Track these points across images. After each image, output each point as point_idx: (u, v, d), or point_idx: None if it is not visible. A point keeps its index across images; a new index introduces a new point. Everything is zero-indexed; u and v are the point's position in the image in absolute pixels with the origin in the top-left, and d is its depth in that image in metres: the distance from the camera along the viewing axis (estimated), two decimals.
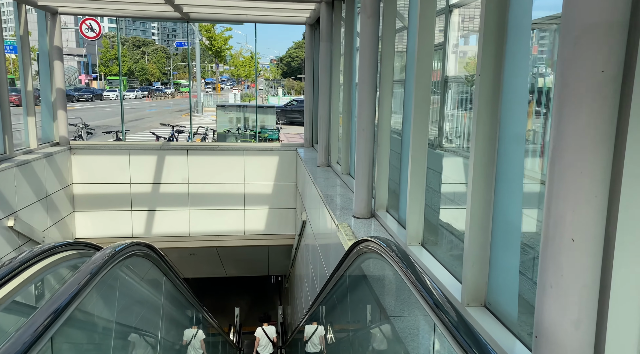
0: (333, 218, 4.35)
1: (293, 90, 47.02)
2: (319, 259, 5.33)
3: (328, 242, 4.72)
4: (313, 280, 6.12)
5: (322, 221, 5.18)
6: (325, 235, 4.92)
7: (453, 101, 3.56)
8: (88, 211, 8.82)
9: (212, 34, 38.28)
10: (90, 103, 42.72)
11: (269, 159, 9.12)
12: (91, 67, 70.94)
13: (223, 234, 9.23)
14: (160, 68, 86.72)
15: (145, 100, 51.64)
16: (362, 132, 4.12)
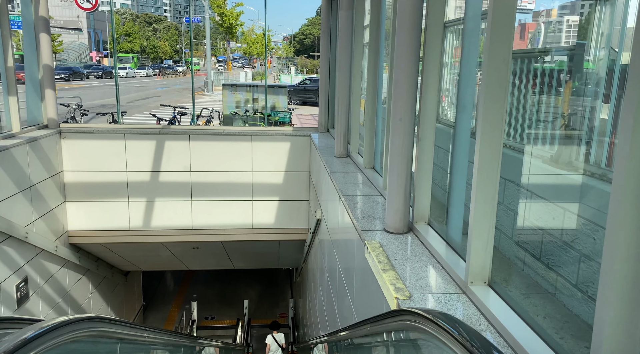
0: (357, 230, 3.42)
1: (306, 68, 45.72)
2: (338, 273, 4.44)
3: (349, 257, 3.82)
4: (329, 290, 5.25)
5: (342, 229, 4.26)
6: (346, 247, 4.01)
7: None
8: (81, 201, 8.01)
9: (224, 10, 37.01)
10: (99, 81, 42.01)
11: (279, 146, 8.19)
12: (102, 44, 70.12)
13: (229, 227, 8.38)
14: (172, 45, 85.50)
15: (155, 78, 50.80)
16: (398, 122, 3.15)
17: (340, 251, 4.30)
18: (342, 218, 4.25)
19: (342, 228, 4.25)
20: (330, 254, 5.12)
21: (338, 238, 4.50)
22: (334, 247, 4.81)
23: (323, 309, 5.78)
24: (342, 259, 4.23)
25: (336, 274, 4.59)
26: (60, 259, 7.67)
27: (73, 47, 60.33)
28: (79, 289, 8.46)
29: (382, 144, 4.97)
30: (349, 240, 3.81)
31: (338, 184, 4.66)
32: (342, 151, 6.03)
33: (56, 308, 7.58)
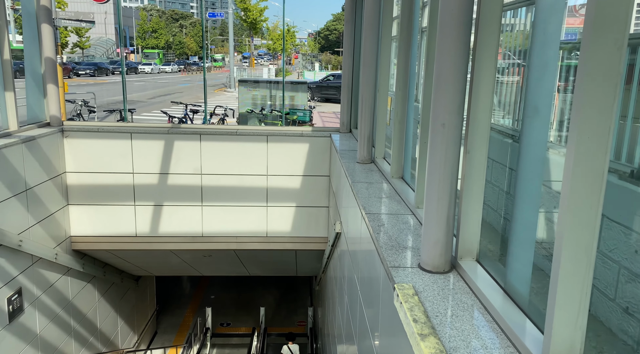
0: (384, 264, 2.69)
1: (330, 64, 44.95)
2: (359, 307, 3.72)
3: (373, 295, 3.09)
4: (349, 321, 4.53)
5: (364, 255, 3.54)
6: (369, 281, 3.28)
7: None
8: (84, 205, 7.48)
9: (247, 5, 36.51)
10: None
11: (297, 147, 7.49)
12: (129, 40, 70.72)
13: (242, 235, 7.74)
14: (197, 42, 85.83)
15: (180, 74, 50.83)
16: (439, 128, 2.41)
17: (363, 281, 3.56)
18: (365, 242, 3.52)
19: (364, 254, 3.51)
20: (350, 280, 4.40)
21: (360, 264, 3.76)
22: (355, 271, 4.08)
23: (342, 338, 5.07)
24: (364, 292, 3.49)
25: (357, 306, 3.86)
26: (61, 267, 7.15)
27: (100, 42, 60.94)
28: (84, 298, 7.95)
29: (412, 150, 4.21)
30: (374, 274, 3.07)
31: (360, 197, 3.93)
32: (365, 155, 5.28)
33: (56, 320, 7.07)
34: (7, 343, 5.88)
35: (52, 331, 6.98)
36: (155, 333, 12.51)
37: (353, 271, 4.18)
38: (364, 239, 3.56)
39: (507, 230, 2.42)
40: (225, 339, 12.49)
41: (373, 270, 3.09)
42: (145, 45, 68.58)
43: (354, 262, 4.20)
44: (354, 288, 4.10)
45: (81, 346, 7.94)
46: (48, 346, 6.87)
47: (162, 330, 12.73)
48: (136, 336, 10.81)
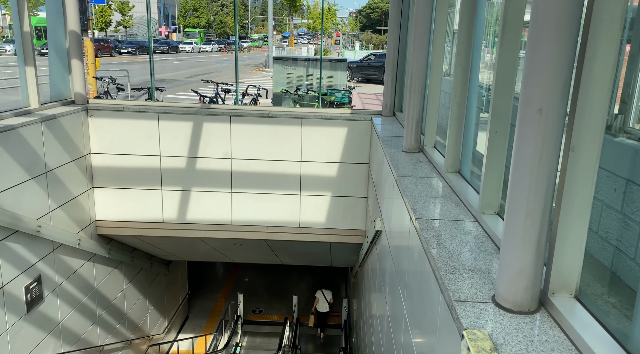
0: (444, 295, 2.03)
1: (371, 44, 43.59)
2: (404, 330, 3.08)
3: (429, 330, 2.45)
4: (390, 334, 3.91)
5: (416, 274, 2.88)
6: (422, 311, 2.64)
7: None
8: (110, 189, 7.11)
9: None
10: (164, 55, 42.31)
11: (334, 131, 6.83)
12: (171, 19, 71.22)
13: (273, 225, 7.21)
14: (239, 21, 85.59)
15: (220, 53, 50.70)
16: (534, 116, 1.71)
17: (412, 302, 2.91)
18: (415, 254, 2.85)
19: (414, 270, 2.85)
20: (393, 291, 3.75)
21: (408, 279, 3.10)
22: (399, 282, 3.44)
23: (380, 341, 4.47)
24: (414, 319, 2.84)
25: (401, 328, 3.23)
26: (85, 253, 6.84)
27: (143, 21, 61.52)
28: (110, 285, 7.67)
29: (474, 139, 3.49)
30: (428, 302, 2.41)
31: (408, 196, 3.25)
32: (413, 143, 4.57)
33: (79, 308, 6.79)
34: (25, 333, 5.61)
35: (75, 320, 6.71)
36: (186, 317, 12.32)
37: (397, 282, 3.53)
38: (413, 251, 2.89)
39: (619, 262, 1.72)
40: (257, 327, 12.16)
41: (427, 297, 2.43)
42: (187, 24, 68.85)
43: (398, 272, 3.54)
44: (398, 305, 3.46)
45: (107, 334, 7.69)
46: (71, 334, 6.61)
47: (193, 315, 12.53)
48: (166, 322, 10.60)
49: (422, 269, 2.56)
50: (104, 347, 7.49)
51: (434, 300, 2.24)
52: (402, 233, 3.34)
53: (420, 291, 2.63)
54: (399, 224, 3.54)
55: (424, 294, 2.51)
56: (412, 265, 2.93)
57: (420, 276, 2.62)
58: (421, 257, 2.60)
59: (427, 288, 2.43)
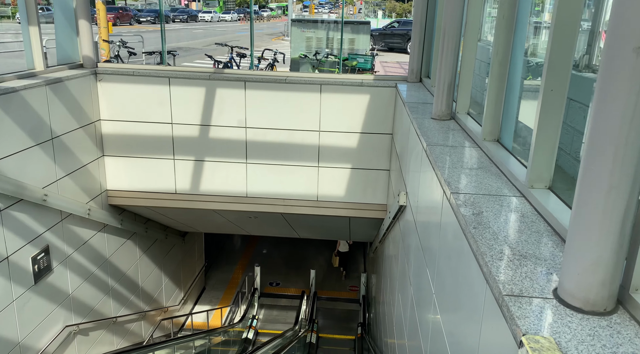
0: (493, 289, 1.64)
1: (394, 12, 42.20)
2: (433, 308, 2.73)
3: (469, 327, 2.06)
4: (412, 305, 3.57)
5: (451, 254, 2.50)
6: (457, 300, 2.25)
7: None
8: (121, 157, 6.84)
9: None
10: (184, 24, 41.74)
11: (355, 99, 6.38)
12: None
13: (290, 197, 6.87)
14: None
15: (239, 23, 49.84)
16: (630, 57, 1.23)
17: (446, 295, 2.54)
18: (449, 234, 2.46)
19: (449, 254, 2.46)
20: (420, 276, 3.38)
21: (440, 264, 2.72)
22: (428, 264, 3.06)
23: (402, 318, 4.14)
24: (447, 311, 2.47)
25: (428, 316, 2.87)
26: (95, 224, 6.63)
27: None
28: (123, 256, 7.50)
29: (518, 104, 3.03)
30: (468, 293, 2.03)
31: (440, 167, 2.84)
32: (443, 110, 4.11)
33: (91, 279, 6.62)
34: (33, 304, 5.45)
35: (87, 291, 6.56)
36: (203, 289, 12.24)
37: (424, 263, 3.15)
38: (447, 230, 2.50)
39: None
40: (274, 300, 12.03)
41: (466, 285, 2.04)
42: None
43: (426, 251, 3.16)
44: (425, 287, 3.09)
45: (120, 305, 7.57)
46: (82, 306, 6.46)
47: (210, 286, 12.46)
48: (182, 293, 10.50)
49: (459, 252, 2.17)
50: (117, 319, 7.37)
51: (477, 291, 1.85)
52: (433, 209, 2.94)
53: (456, 277, 2.24)
54: (429, 199, 3.14)
55: (461, 281, 2.13)
56: (445, 246, 2.54)
57: (457, 259, 2.23)
58: (457, 238, 2.20)
59: (466, 275, 2.04)
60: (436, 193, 2.81)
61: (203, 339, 8.16)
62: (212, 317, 10.86)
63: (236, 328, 9.76)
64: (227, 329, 9.39)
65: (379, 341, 7.44)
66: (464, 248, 2.06)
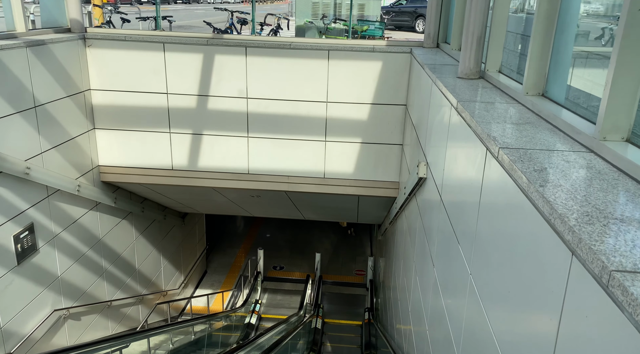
0: (595, 272, 1.12)
1: None
2: (468, 296, 2.25)
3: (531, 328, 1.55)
4: (436, 290, 3.11)
5: (503, 227, 2.00)
6: (519, 280, 1.73)
7: None
8: (113, 130, 6.37)
9: None
10: (186, 5, 40.90)
11: (366, 66, 5.85)
12: None
13: (295, 175, 6.39)
14: None
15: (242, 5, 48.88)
16: None
17: (493, 278, 2.05)
18: (498, 198, 1.97)
19: (502, 228, 1.96)
20: (448, 257, 2.91)
21: (483, 240, 2.24)
22: (462, 244, 2.59)
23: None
24: (497, 298, 1.99)
25: (461, 305, 2.40)
26: (86, 201, 6.18)
27: None
28: (118, 236, 7.06)
29: (571, 54, 2.51)
30: (538, 271, 1.54)
31: (480, 122, 2.33)
32: (471, 67, 3.59)
33: (82, 261, 6.20)
34: (17, 287, 5.02)
35: (78, 273, 6.14)
36: (204, 272, 11.86)
37: (455, 242, 2.67)
38: (495, 195, 2.01)
39: None
40: (278, 284, 11.64)
41: (533, 264, 1.56)
42: None
43: (457, 228, 2.68)
44: (455, 271, 2.61)
45: (115, 289, 7.16)
46: (73, 289, 6.05)
47: (212, 270, 12.07)
48: (183, 277, 10.11)
49: (518, 220, 1.68)
50: (112, 302, 6.97)
51: (553, 268, 1.36)
52: (469, 175, 2.44)
53: (511, 253, 1.75)
54: (462, 164, 2.64)
55: (521, 257, 1.64)
56: (490, 216, 2.05)
57: (513, 229, 1.74)
58: (514, 203, 1.71)
59: (531, 248, 1.55)
60: (474, 153, 2.32)
61: (203, 325, 7.76)
62: (214, 301, 10.49)
63: (238, 313, 9.38)
64: (228, 314, 9.01)
65: (389, 327, 7.02)
66: (527, 214, 1.57)
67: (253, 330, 9.46)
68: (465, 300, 2.38)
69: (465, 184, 2.51)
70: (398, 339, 5.67)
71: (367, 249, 13.16)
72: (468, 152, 2.48)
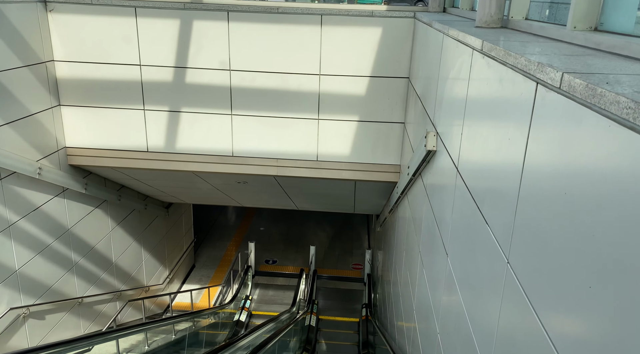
0: None
1: None
2: (511, 297, 1.58)
3: None
4: (452, 287, 2.48)
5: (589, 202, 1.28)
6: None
7: None
8: (81, 107, 5.70)
9: None
10: None
11: (364, 34, 5.19)
12: None
13: (284, 157, 5.75)
14: None
15: None
16: None
17: (556, 273, 1.37)
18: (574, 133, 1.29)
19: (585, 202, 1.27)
20: (468, 247, 2.28)
21: (530, 217, 1.57)
22: (495, 226, 1.94)
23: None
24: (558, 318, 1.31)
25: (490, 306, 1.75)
26: (50, 187, 5.52)
27: None
28: (90, 226, 6.41)
29: None
30: None
31: (520, 52, 1.67)
32: (492, 13, 2.94)
33: (47, 253, 5.54)
34: None
35: (41, 267, 5.48)
36: (192, 266, 11.22)
37: (484, 223, 2.02)
38: (551, 139, 1.35)
39: None
40: (270, 279, 11.01)
41: None
42: None
43: (490, 208, 2.03)
44: (479, 263, 1.98)
45: (88, 284, 6.51)
46: (35, 284, 5.40)
47: (200, 264, 11.43)
48: (167, 271, 9.46)
49: (613, 168, 1.03)
50: (83, 299, 6.32)
51: None
52: (508, 129, 1.79)
53: (599, 226, 1.10)
54: (496, 117, 1.99)
55: (629, 231, 0.99)
56: (544, 181, 1.40)
57: (602, 187, 1.09)
58: (610, 143, 1.05)
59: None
60: (515, 96, 1.67)
61: (186, 323, 7.13)
62: (201, 298, 9.86)
63: (227, 310, 8.74)
64: (216, 311, 8.37)
65: (388, 326, 6.40)
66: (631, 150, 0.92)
67: (242, 328, 8.84)
68: (498, 297, 1.75)
69: (499, 145, 1.86)
70: (400, 339, 5.05)
71: (364, 242, 12.54)
72: (503, 100, 1.83)
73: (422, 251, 3.69)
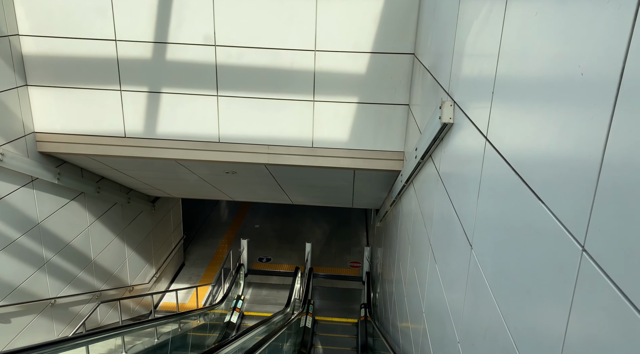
0: None
1: None
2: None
3: None
4: (479, 289, 1.93)
5: None
6: None
7: None
8: (51, 88, 5.14)
9: None
10: None
11: (365, 3, 4.65)
12: None
13: (276, 143, 5.21)
14: None
15: None
16: None
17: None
18: None
19: None
20: (510, 243, 1.72)
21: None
22: (565, 220, 1.38)
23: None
24: None
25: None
26: (16, 175, 4.97)
27: None
28: (64, 220, 5.85)
29: None
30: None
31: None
32: None
33: (13, 249, 4.99)
34: None
35: (6, 265, 4.93)
36: (182, 265, 10.67)
37: (543, 208, 1.48)
38: None
39: None
40: (263, 278, 10.48)
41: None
42: None
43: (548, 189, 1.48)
44: (538, 272, 1.43)
45: (63, 283, 5.96)
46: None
47: (190, 262, 10.88)
48: (154, 269, 8.91)
49: None
50: (57, 300, 5.77)
51: None
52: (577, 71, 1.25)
53: None
54: (555, 66, 1.45)
55: None
56: None
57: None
58: None
59: None
60: (608, 21, 1.13)
61: (172, 325, 6.59)
62: (190, 298, 9.32)
63: (217, 310, 8.21)
64: (205, 312, 7.84)
65: (390, 328, 5.88)
66: None
67: (234, 330, 8.30)
68: (565, 297, 1.22)
69: (574, 102, 1.32)
70: (404, 344, 4.52)
71: (362, 239, 12.01)
72: (568, 34, 1.29)
73: (434, 245, 3.16)
